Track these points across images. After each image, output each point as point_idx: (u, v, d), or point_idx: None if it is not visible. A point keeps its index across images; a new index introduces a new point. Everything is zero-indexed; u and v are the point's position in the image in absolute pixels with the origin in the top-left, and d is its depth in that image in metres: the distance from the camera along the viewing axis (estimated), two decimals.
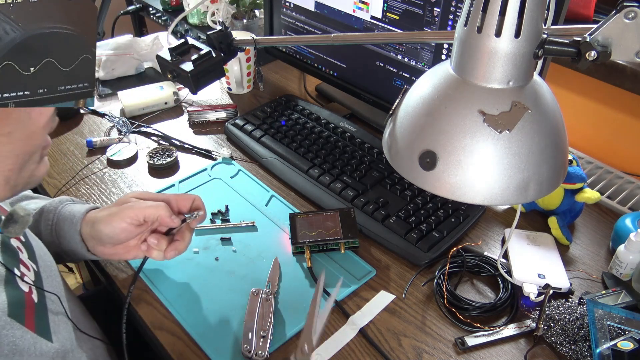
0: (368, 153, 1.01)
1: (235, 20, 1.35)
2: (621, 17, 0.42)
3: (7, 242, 0.60)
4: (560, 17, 0.75)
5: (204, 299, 0.76)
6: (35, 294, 0.59)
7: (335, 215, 0.85)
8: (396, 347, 0.71)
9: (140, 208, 0.72)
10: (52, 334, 0.58)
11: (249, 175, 0.99)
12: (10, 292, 0.55)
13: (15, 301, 0.55)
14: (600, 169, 1.03)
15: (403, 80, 1.01)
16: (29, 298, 0.58)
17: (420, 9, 0.91)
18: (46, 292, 0.62)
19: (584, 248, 0.87)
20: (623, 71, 0.94)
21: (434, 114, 0.47)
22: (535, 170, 0.46)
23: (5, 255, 0.58)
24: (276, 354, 0.70)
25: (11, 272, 0.57)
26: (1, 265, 0.56)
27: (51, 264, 0.68)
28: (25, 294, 0.57)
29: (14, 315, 0.54)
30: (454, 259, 0.82)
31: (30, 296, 0.58)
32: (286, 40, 1.19)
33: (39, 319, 0.58)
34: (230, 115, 1.14)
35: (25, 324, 0.55)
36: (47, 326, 0.58)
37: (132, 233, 0.72)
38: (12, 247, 0.61)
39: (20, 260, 0.61)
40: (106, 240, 0.72)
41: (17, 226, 0.57)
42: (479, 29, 0.44)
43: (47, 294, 0.62)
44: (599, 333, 0.68)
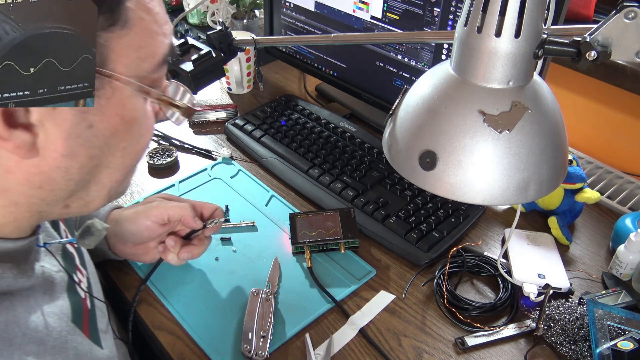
0: (368, 153, 1.01)
1: (235, 20, 1.35)
2: (621, 17, 0.42)
3: (65, 248, 0.61)
4: (560, 17, 0.75)
5: (204, 299, 0.76)
6: (88, 301, 0.60)
7: (335, 215, 0.85)
8: (396, 347, 0.71)
9: (165, 207, 0.74)
10: (102, 341, 0.59)
11: (249, 175, 0.99)
12: (72, 298, 0.56)
13: (76, 307, 0.56)
14: (600, 169, 1.03)
15: (403, 80, 1.01)
16: (85, 305, 0.58)
17: (420, 9, 0.91)
18: (97, 299, 0.63)
19: (584, 248, 0.87)
20: (623, 71, 0.94)
21: (434, 114, 0.47)
22: (535, 170, 0.46)
23: (65, 260, 0.59)
24: (276, 354, 0.70)
25: (72, 278, 0.57)
26: (64, 271, 0.56)
27: (94, 270, 0.68)
28: (82, 300, 0.58)
29: (75, 321, 0.54)
30: (454, 259, 0.82)
31: (86, 302, 0.59)
32: (286, 40, 1.19)
33: (92, 325, 0.59)
34: (230, 115, 1.14)
35: (82, 330, 0.55)
36: (97, 333, 0.59)
37: (155, 232, 0.74)
38: (70, 252, 0.62)
39: (76, 266, 0.61)
40: (128, 238, 0.74)
41: (92, 238, 0.59)
42: (479, 29, 0.44)
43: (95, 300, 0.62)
44: (599, 333, 0.68)
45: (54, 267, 0.55)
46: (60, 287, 0.55)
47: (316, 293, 0.78)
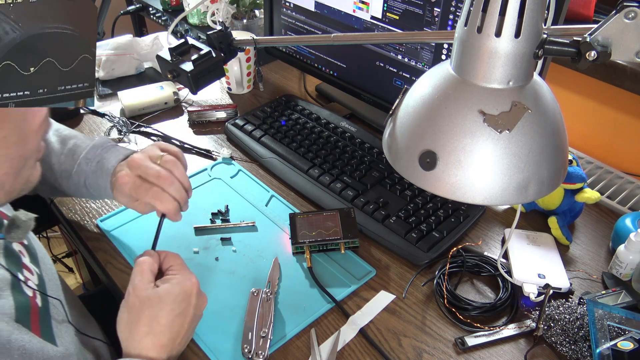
0: (368, 153, 1.01)
1: (235, 20, 1.35)
2: (621, 17, 0.42)
3: (9, 246, 0.60)
4: (560, 17, 0.75)
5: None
6: (39, 299, 0.59)
7: (335, 215, 0.85)
8: (396, 347, 0.71)
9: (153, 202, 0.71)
10: (56, 338, 0.58)
11: (249, 175, 0.99)
12: (16, 296, 0.55)
13: (21, 306, 0.55)
14: (600, 169, 1.03)
15: (403, 80, 1.01)
16: (33, 303, 0.57)
17: (420, 9, 0.91)
18: (49, 297, 0.62)
19: (584, 248, 0.87)
20: (623, 71, 0.94)
21: (434, 114, 0.47)
22: (535, 170, 0.46)
23: (7, 260, 0.58)
24: (276, 354, 0.70)
25: (15, 277, 0.57)
26: (5, 270, 0.56)
27: (51, 266, 0.67)
28: (30, 298, 0.57)
29: (21, 320, 0.54)
30: (454, 259, 0.82)
31: (35, 300, 0.58)
32: (286, 40, 1.19)
33: (43, 323, 0.58)
34: (230, 115, 1.14)
35: (31, 328, 0.54)
36: (51, 330, 0.58)
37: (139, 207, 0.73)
38: (14, 251, 0.61)
39: (23, 265, 0.60)
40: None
41: (19, 231, 0.57)
42: (479, 29, 0.44)
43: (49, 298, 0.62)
44: (599, 333, 0.68)
45: None
46: (3, 286, 0.54)
47: (316, 293, 0.78)
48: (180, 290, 0.61)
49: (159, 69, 1.27)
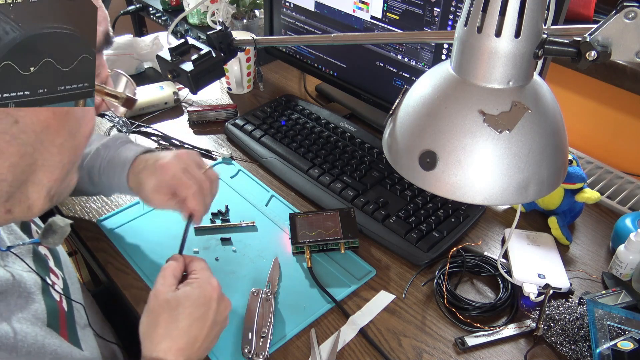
0: (368, 153, 1.01)
1: (235, 20, 1.35)
2: (621, 17, 0.42)
3: (37, 250, 0.60)
4: (560, 17, 0.75)
5: None
6: (64, 303, 0.59)
7: (335, 215, 0.85)
8: (396, 347, 0.71)
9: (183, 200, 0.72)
10: (81, 342, 0.58)
11: (249, 175, 0.99)
12: (47, 301, 0.55)
13: (51, 310, 0.55)
14: (600, 169, 1.03)
15: (403, 80, 1.01)
16: (60, 307, 0.58)
17: (420, 9, 0.91)
18: (73, 301, 0.62)
19: (584, 248, 0.87)
20: (623, 71, 0.94)
21: (434, 114, 0.47)
22: (535, 170, 0.46)
23: (36, 264, 0.58)
24: (276, 354, 0.70)
25: (45, 280, 0.57)
26: (36, 274, 0.56)
27: (72, 270, 0.68)
28: (58, 302, 0.57)
29: (52, 324, 0.54)
30: (454, 259, 0.82)
31: (61, 305, 0.58)
32: (286, 40, 1.19)
33: (70, 327, 0.58)
34: (230, 115, 1.14)
35: (60, 332, 0.55)
36: (76, 335, 0.58)
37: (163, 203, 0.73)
38: (42, 255, 0.61)
39: (49, 268, 0.61)
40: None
41: (56, 236, 0.57)
42: (479, 29, 0.44)
43: (72, 302, 0.62)
44: (599, 333, 0.68)
45: (24, 271, 0.54)
46: (35, 290, 0.54)
47: (316, 293, 0.78)
48: (199, 293, 0.60)
49: (159, 69, 1.27)
